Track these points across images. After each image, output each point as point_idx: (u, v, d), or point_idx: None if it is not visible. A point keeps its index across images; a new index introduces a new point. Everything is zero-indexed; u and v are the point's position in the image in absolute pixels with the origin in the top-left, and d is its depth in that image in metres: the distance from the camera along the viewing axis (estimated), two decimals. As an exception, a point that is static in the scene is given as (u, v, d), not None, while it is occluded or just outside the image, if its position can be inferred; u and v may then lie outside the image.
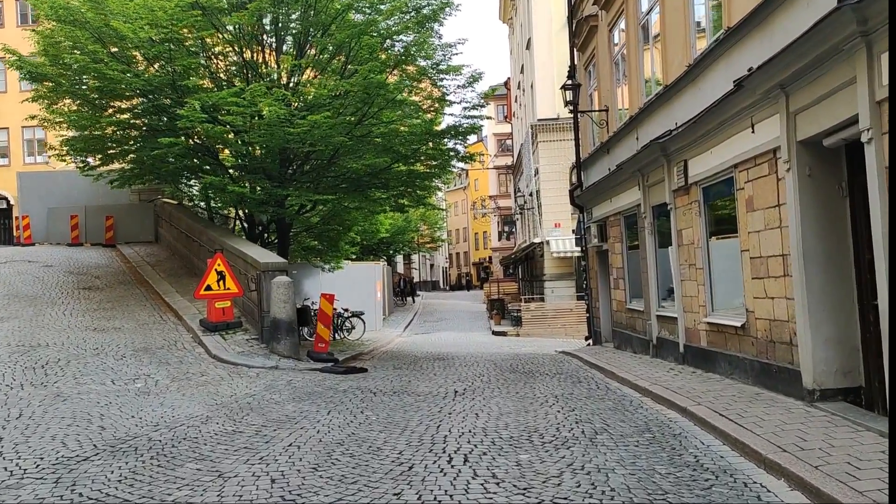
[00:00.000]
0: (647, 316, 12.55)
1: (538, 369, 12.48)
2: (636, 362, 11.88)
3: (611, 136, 14.26)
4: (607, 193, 14.87)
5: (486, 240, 74.16)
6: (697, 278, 9.90)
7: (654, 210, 11.92)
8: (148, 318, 13.32)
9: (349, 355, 14.33)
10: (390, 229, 35.72)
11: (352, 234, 22.60)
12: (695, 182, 9.75)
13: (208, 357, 10.85)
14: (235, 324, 12.32)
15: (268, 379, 9.72)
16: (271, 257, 12.34)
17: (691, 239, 10.07)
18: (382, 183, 17.03)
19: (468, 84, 16.80)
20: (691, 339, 10.26)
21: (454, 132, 17.17)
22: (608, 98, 14.64)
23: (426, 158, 17.39)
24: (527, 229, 33.72)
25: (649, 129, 11.60)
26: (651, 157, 11.22)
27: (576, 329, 25.36)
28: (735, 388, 8.12)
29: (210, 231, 16.18)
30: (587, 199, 16.85)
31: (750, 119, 7.73)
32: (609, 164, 14.50)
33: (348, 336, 21.40)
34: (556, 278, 27.43)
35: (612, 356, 13.41)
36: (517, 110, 37.51)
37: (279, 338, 11.38)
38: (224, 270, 12.06)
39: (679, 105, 10.16)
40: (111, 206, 24.08)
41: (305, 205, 17.46)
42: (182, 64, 13.75)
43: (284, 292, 11.41)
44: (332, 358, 11.94)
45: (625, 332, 14.22)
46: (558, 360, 14.54)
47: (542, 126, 27.60)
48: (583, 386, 10.00)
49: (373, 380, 10.28)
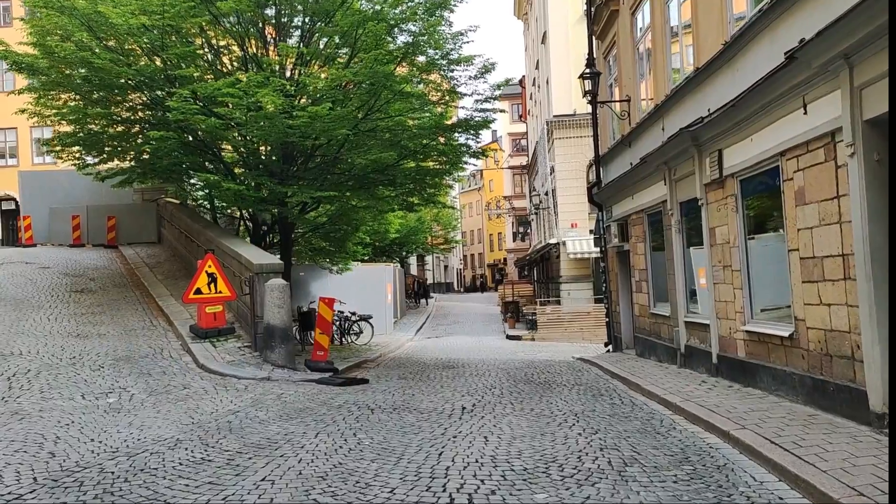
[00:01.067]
0: (673, 322, 11.52)
1: (555, 379, 11.50)
2: (662, 373, 10.86)
3: (633, 128, 13.24)
4: (629, 190, 13.85)
5: (501, 241, 73.17)
6: (733, 281, 8.87)
7: (683, 206, 10.90)
8: (137, 323, 12.48)
9: (353, 363, 13.42)
10: (401, 229, 34.79)
11: (360, 234, 21.69)
12: (731, 174, 8.73)
13: (195, 367, 9.96)
14: (228, 330, 11.45)
15: (257, 392, 8.81)
16: (266, 258, 11.45)
17: (726, 238, 9.04)
18: (389, 180, 16.12)
19: (480, 75, 15.86)
20: (726, 349, 9.22)
21: (465, 126, 16.21)
22: (630, 87, 13.63)
23: (436, 154, 16.46)
24: (542, 230, 32.69)
25: (677, 119, 10.59)
26: (679, 149, 10.20)
27: (594, 333, 24.29)
28: (783, 408, 7.09)
29: (208, 231, 15.34)
30: (606, 197, 15.83)
31: (802, 99, 6.70)
32: (631, 159, 13.48)
33: (356, 341, 20.53)
34: (572, 280, 26.39)
35: (635, 365, 12.39)
36: (532, 108, 36.50)
37: (273, 346, 10.48)
38: (215, 272, 11.19)
39: (712, 89, 9.15)
40: (113, 207, 23.39)
41: (308, 203, 16.67)
42: (175, 53, 12.92)
43: (279, 296, 10.51)
44: (331, 367, 11.02)
45: (648, 339, 13.19)
46: (576, 369, 13.54)
47: (558, 122, 26.59)
48: (605, 400, 9.00)
49: (373, 393, 9.34)
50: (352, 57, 14.66)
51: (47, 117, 14.92)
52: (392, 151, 14.16)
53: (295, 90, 14.02)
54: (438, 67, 16.09)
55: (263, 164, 15.76)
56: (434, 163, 16.91)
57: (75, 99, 14.86)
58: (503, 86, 16.51)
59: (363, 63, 13.40)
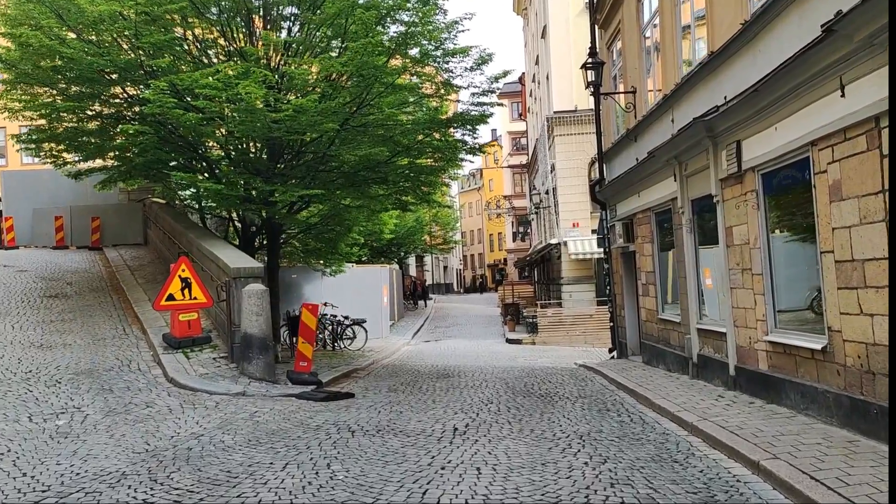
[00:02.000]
0: (684, 329, 10.69)
1: (557, 391, 10.67)
2: (673, 384, 10.03)
3: (639, 121, 12.41)
4: (635, 187, 13.02)
5: (501, 241, 72.37)
6: (754, 286, 8.03)
7: (695, 204, 10.07)
8: (108, 331, 11.65)
9: (341, 372, 12.57)
10: (397, 230, 33.93)
11: (353, 234, 20.84)
12: (751, 167, 7.89)
13: (164, 381, 9.13)
14: (203, 339, 10.61)
15: (228, 411, 7.97)
16: (244, 261, 10.60)
17: (745, 238, 8.20)
18: (382, 178, 15.27)
19: (476, 66, 14.98)
20: (745, 361, 8.38)
21: (462, 121, 15.35)
22: (635, 78, 12.79)
23: (431, 151, 15.60)
24: (542, 229, 31.86)
25: (688, 109, 9.76)
26: (691, 141, 9.37)
27: (596, 337, 23.47)
28: (816, 432, 6.25)
29: (189, 232, 14.52)
30: (610, 195, 15.00)
31: (839, 79, 5.86)
32: (637, 154, 12.66)
33: (349, 346, 19.71)
34: (574, 282, 25.55)
35: (643, 374, 11.56)
36: (532, 105, 35.66)
37: (250, 357, 9.64)
38: (190, 277, 10.37)
39: (729, 75, 8.31)
40: (98, 207, 22.60)
41: (297, 203, 15.84)
42: (150, 41, 12.07)
43: (257, 303, 9.68)
44: (314, 380, 10.18)
45: (656, 346, 12.35)
46: (579, 378, 12.72)
47: (559, 119, 25.76)
48: (612, 417, 8.17)
49: (357, 410, 8.50)
50: (342, 48, 13.83)
51: (17, 112, 14.06)
52: (383, 147, 13.32)
53: (280, 82, 13.19)
54: (433, 59, 15.25)
55: (249, 162, 14.94)
56: (429, 160, 16.07)
57: (50, 93, 14.02)
58: (501, 77, 15.64)
59: (352, 52, 12.57)
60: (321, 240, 19.95)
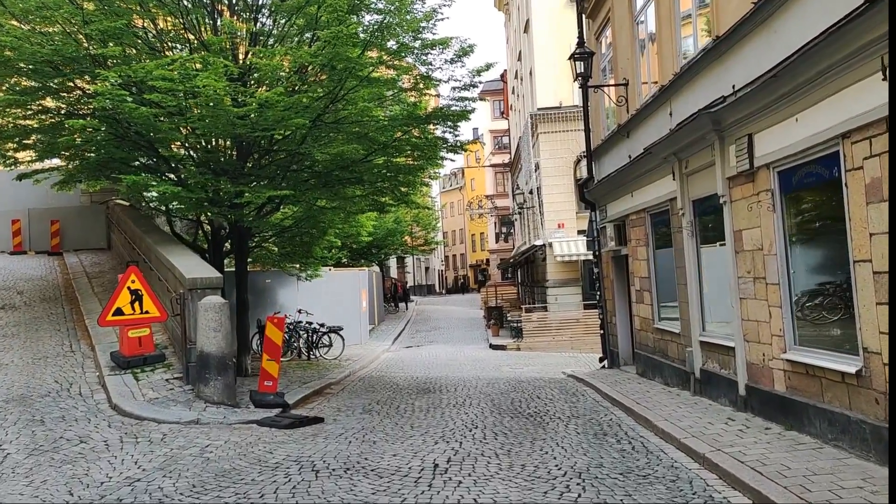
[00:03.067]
0: (684, 340, 9.84)
1: (547, 409, 9.79)
2: (674, 402, 9.17)
3: (632, 116, 11.56)
4: (627, 186, 12.18)
5: (484, 241, 71.59)
6: (769, 297, 7.18)
7: (697, 205, 9.21)
8: (53, 348, 10.58)
9: (312, 388, 11.58)
10: (375, 232, 32.89)
11: (329, 237, 19.82)
12: (765, 164, 7.04)
13: (106, 408, 8.10)
14: (156, 358, 9.58)
15: (176, 444, 6.97)
16: (202, 270, 9.58)
17: (757, 243, 7.35)
18: (356, 178, 14.30)
19: (457, 58, 14.05)
20: (758, 380, 7.53)
21: (442, 116, 14.39)
22: (628, 70, 11.93)
23: (410, 149, 14.65)
24: (526, 230, 31.02)
25: (689, 101, 8.91)
26: (694, 136, 8.51)
27: (583, 342, 22.65)
28: (853, 470, 5.39)
29: (148, 237, 13.46)
30: (600, 195, 14.15)
31: (879, 60, 5.01)
32: (630, 151, 11.81)
33: (325, 355, 18.72)
34: (560, 284, 24.72)
35: (639, 389, 10.70)
36: (514, 102, 34.82)
37: (207, 378, 8.64)
38: (140, 288, 9.33)
39: (739, 60, 7.46)
40: (58, 210, 21.37)
41: (266, 204, 14.82)
42: (98, 28, 10.99)
43: (215, 318, 8.67)
44: (279, 401, 9.19)
45: (652, 358, 11.51)
46: (570, 391, 11.85)
47: (543, 116, 24.91)
48: (611, 445, 7.28)
49: (325, 439, 7.53)
50: (313, 40, 12.84)
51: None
52: (357, 144, 12.36)
53: (245, 75, 12.18)
54: (410, 51, 14.30)
55: (215, 162, 13.92)
56: (408, 159, 15.12)
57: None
58: (483, 71, 14.70)
59: (323, 42, 11.59)
60: (295, 243, 18.95)
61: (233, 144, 13.68)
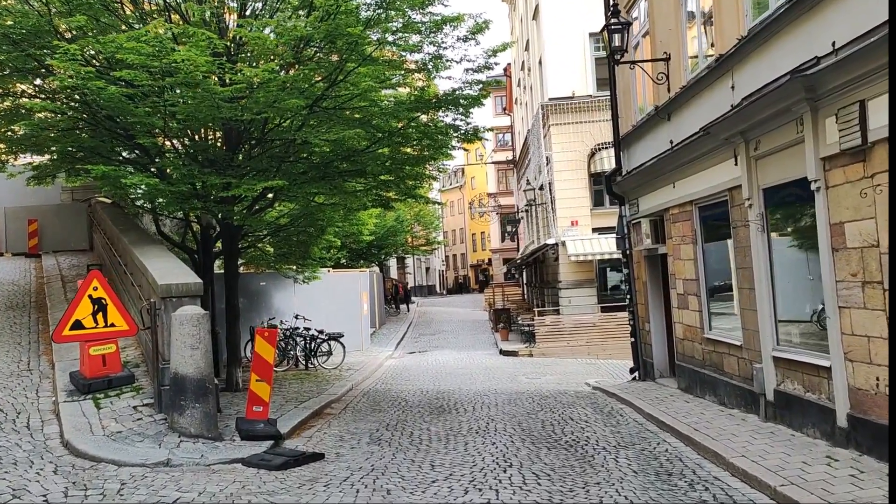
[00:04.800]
0: (749, 354, 8.35)
1: (586, 435, 8.33)
2: (743, 429, 7.68)
3: (675, 95, 10.07)
4: (668, 176, 10.70)
5: (486, 241, 70.13)
6: (886, 306, 5.69)
7: (769, 194, 7.71)
8: (8, 366, 9.05)
9: (311, 410, 10.04)
10: (377, 230, 31.39)
11: (329, 237, 18.31)
12: (883, 138, 5.55)
13: (58, 445, 6.59)
14: (123, 379, 8.05)
15: (135, 500, 5.45)
16: (178, 275, 8.04)
17: (869, 238, 5.86)
18: (358, 170, 12.80)
19: (471, 35, 12.56)
20: (866, 409, 6.04)
21: (454, 101, 12.87)
22: (670, 42, 10.44)
23: (418, 138, 13.13)
24: (534, 228, 29.52)
25: (760, 69, 7.44)
26: (775, 109, 7.02)
27: (601, 348, 21.20)
28: None
29: (125, 236, 11.94)
30: (631, 187, 12.67)
31: None
32: (671, 135, 10.34)
33: (324, 363, 17.23)
34: (573, 285, 23.22)
35: (690, 410, 9.21)
36: (520, 95, 33.31)
37: (183, 405, 7.12)
38: (105, 297, 7.82)
39: (842, 10, 5.97)
40: (37, 208, 19.87)
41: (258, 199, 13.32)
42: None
43: (192, 332, 7.16)
44: (271, 431, 7.66)
45: (700, 372, 10.01)
46: (603, 409, 10.38)
47: (555, 107, 23.41)
48: (683, 492, 5.80)
49: (326, 488, 6.01)
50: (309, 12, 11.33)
51: None
52: (359, 129, 10.86)
53: (230, 50, 10.70)
54: (417, 29, 12.79)
55: (201, 152, 12.44)
56: (415, 148, 13.61)
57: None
58: (500, 51, 13.17)
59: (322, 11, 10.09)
60: (292, 243, 17.45)
61: (221, 133, 12.21)
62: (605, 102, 23.10)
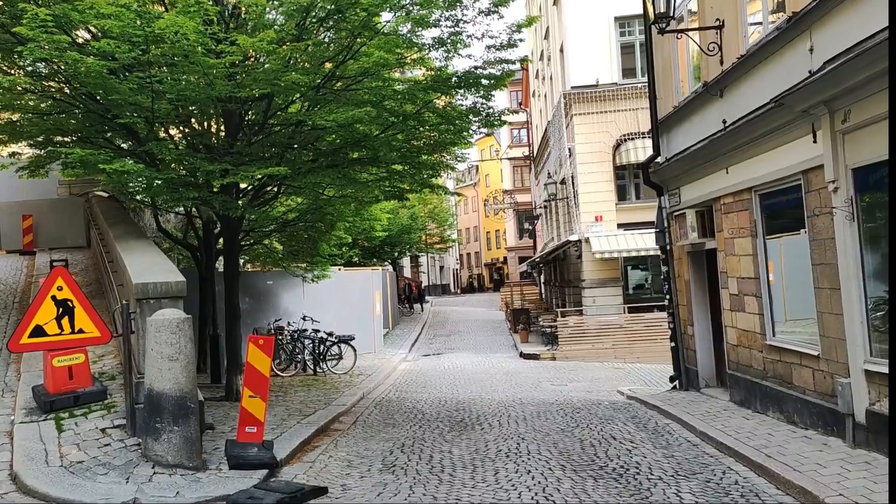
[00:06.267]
0: (830, 367, 7.07)
1: (635, 461, 7.09)
2: (828, 457, 6.40)
3: (731, 67, 8.79)
4: (720, 161, 9.43)
5: (500, 239, 68.83)
6: None
7: (861, 174, 6.43)
8: (-31, 377, 7.93)
9: (316, 426, 8.85)
10: (391, 227, 30.19)
11: (339, 233, 17.16)
12: None
13: (5, 477, 5.43)
14: (92, 395, 6.88)
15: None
16: (158, 272, 6.86)
17: None
18: (370, 157, 11.61)
19: (494, 8, 11.33)
20: None
21: (474, 81, 11.61)
22: (723, 8, 9.16)
23: (439, 120, 11.88)
24: (554, 225, 28.23)
25: (852, 24, 6.16)
26: (870, 71, 5.75)
27: (628, 351, 19.90)
28: None
29: (113, 230, 10.83)
30: (671, 176, 11.40)
31: None
32: (724, 114, 9.07)
33: (333, 368, 16.08)
34: (597, 284, 21.90)
35: (753, 429, 7.94)
36: (539, 87, 31.99)
37: (159, 428, 5.94)
38: (72, 298, 6.66)
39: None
40: (32, 203, 18.82)
41: (259, 190, 12.19)
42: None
43: (170, 340, 5.98)
44: (265, 458, 6.46)
45: (762, 384, 8.72)
46: (647, 425, 9.14)
47: (578, 95, 22.10)
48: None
49: (328, 538, 4.83)
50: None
51: None
52: (370, 108, 9.67)
53: (226, 16, 9.55)
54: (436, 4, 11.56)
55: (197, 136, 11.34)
56: (432, 132, 12.35)
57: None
58: (526, 26, 11.94)
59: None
60: (300, 239, 16.32)
61: (217, 116, 11.08)
62: (631, 91, 21.89)
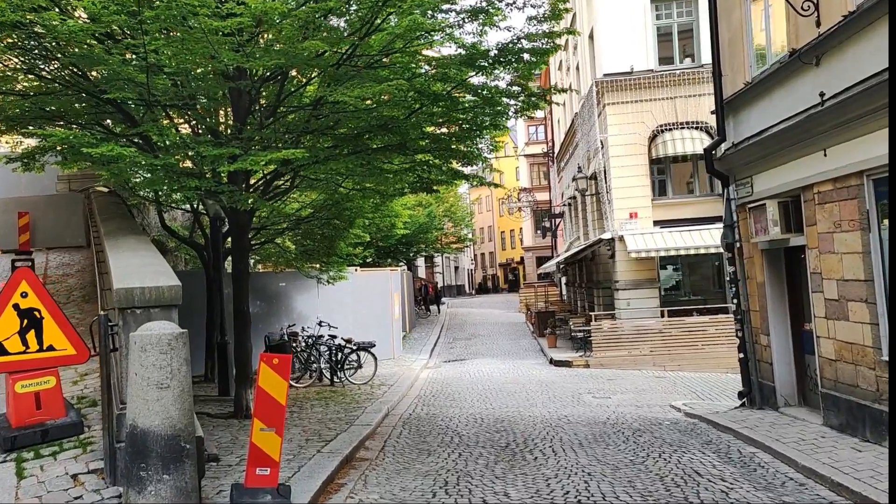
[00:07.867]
0: None
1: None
2: None
3: (832, 28, 7.35)
4: (812, 142, 7.99)
5: (515, 239, 67.37)
6: None
7: None
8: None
9: (340, 456, 7.47)
10: (410, 225, 28.81)
11: (356, 230, 15.82)
12: None
13: (-68, 553, 4.06)
14: (65, 428, 5.50)
15: None
16: (147, 276, 5.49)
17: None
18: (397, 143, 10.24)
19: (535, -28, 9.95)
20: None
21: (515, 55, 10.19)
22: (820, -41, 7.71)
23: (472, 103, 10.50)
24: (580, 223, 26.74)
25: None
26: None
27: (668, 358, 18.43)
28: None
29: (105, 226, 9.52)
30: (743, 162, 9.96)
31: None
32: (822, 86, 7.64)
33: (352, 377, 14.74)
34: (632, 286, 20.40)
35: (870, 462, 6.50)
36: (563, 78, 30.51)
37: (143, 477, 4.56)
38: (41, 308, 5.31)
39: None
40: (29, 200, 17.64)
41: (272, 181, 10.89)
42: None
43: (159, 362, 4.61)
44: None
45: (873, 408, 7.26)
46: (731, 455, 7.69)
47: (611, 83, 20.61)
48: None
49: None
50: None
51: None
52: (403, 81, 8.30)
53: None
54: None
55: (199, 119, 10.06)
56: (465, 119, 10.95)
57: None
58: (566, 0, 10.53)
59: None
60: (315, 238, 15.00)
61: (224, 98, 9.76)
62: (669, 78, 20.38)
